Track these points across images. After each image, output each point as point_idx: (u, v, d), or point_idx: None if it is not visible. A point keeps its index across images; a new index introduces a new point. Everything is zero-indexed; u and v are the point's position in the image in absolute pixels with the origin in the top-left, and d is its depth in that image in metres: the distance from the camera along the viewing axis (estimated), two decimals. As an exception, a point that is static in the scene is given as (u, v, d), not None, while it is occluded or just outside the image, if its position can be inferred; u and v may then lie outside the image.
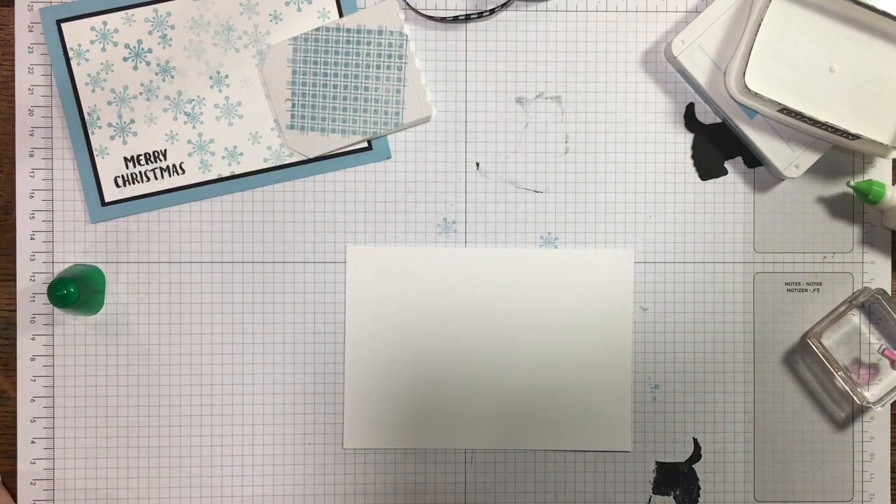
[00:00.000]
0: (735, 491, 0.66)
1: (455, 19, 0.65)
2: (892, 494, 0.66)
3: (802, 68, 0.62)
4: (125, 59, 0.64)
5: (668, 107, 0.66)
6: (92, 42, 0.64)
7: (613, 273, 0.65)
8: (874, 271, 0.66)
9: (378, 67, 0.64)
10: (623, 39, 0.66)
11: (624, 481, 0.66)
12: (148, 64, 0.65)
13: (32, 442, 0.65)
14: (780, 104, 0.60)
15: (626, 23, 0.66)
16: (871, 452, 0.66)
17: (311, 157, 0.65)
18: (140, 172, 0.65)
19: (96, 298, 0.64)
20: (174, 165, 0.65)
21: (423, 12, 0.65)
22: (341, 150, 0.65)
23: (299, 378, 0.65)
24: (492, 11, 0.65)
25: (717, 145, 0.66)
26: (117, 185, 0.65)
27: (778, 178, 0.65)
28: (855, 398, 0.64)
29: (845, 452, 0.66)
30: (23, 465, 0.64)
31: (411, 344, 0.65)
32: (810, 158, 0.63)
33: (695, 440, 0.66)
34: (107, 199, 0.65)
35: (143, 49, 0.64)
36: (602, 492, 0.65)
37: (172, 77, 0.65)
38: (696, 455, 0.66)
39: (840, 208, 0.66)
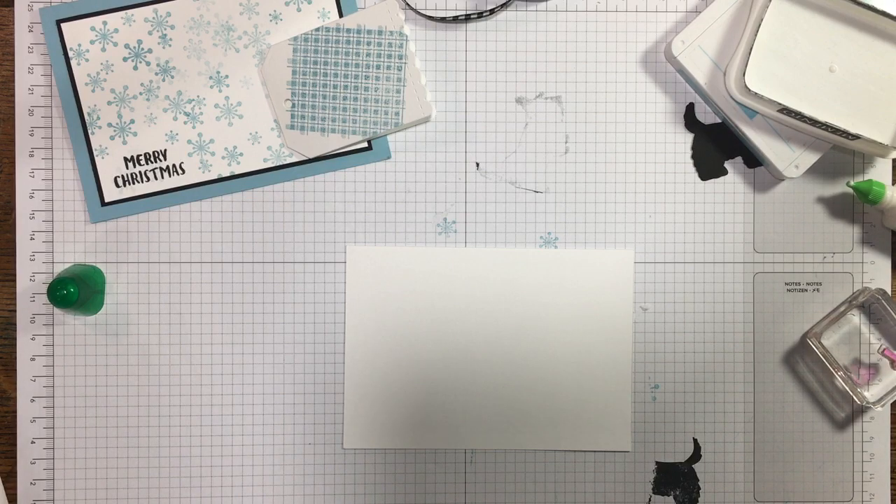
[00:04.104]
0: (735, 491, 0.66)
1: (455, 19, 0.65)
2: (892, 494, 0.66)
3: (802, 68, 0.62)
4: (125, 59, 0.64)
5: (668, 107, 0.66)
6: (92, 42, 0.64)
7: (613, 273, 0.65)
8: (874, 271, 0.66)
9: (378, 67, 0.64)
10: (623, 39, 0.66)
11: (624, 481, 0.66)
12: (148, 64, 0.65)
13: (32, 442, 0.65)
14: (780, 104, 0.60)
15: (626, 23, 0.66)
16: (871, 452, 0.66)
17: (311, 157, 0.65)
18: (140, 172, 0.65)
19: (96, 298, 0.64)
20: (174, 165, 0.65)
21: (423, 12, 0.65)
22: (341, 150, 0.65)
23: (299, 378, 0.65)
24: (492, 11, 0.65)
25: (717, 145, 0.66)
26: (117, 186, 0.65)
27: (778, 178, 0.65)
28: (855, 398, 0.64)
29: (845, 452, 0.66)
30: (23, 465, 0.64)
31: (411, 344, 0.65)
32: (810, 158, 0.63)
33: (695, 440, 0.66)
34: (107, 199, 0.65)
35: (143, 49, 0.64)
36: (602, 492, 0.65)
37: (172, 77, 0.65)
38: (696, 455, 0.66)
39: (840, 208, 0.66)
